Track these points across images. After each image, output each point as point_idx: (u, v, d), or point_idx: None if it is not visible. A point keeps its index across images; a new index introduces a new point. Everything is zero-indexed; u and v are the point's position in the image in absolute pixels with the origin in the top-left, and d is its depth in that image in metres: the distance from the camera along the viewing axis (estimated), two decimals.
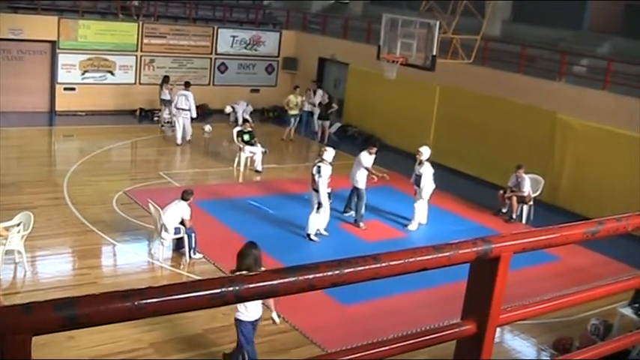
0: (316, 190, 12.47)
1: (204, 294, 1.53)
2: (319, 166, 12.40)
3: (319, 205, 12.42)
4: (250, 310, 7.58)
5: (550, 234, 2.17)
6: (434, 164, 13.91)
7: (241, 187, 16.02)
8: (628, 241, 11.89)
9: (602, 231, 2.28)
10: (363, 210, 13.61)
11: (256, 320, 7.74)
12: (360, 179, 13.57)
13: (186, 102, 18.82)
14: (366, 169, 13.54)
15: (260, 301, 7.60)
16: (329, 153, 12.57)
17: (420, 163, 13.57)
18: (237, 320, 7.67)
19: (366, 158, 13.57)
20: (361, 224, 13.54)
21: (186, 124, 18.99)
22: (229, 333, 8.48)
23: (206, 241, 11.64)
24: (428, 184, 13.55)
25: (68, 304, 1.38)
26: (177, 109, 18.90)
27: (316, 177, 12.36)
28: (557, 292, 2.47)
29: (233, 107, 21.68)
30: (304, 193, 15.19)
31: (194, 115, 19.13)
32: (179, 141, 18.98)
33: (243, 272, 6.72)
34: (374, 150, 13.71)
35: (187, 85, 19.53)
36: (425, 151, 13.62)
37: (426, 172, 13.50)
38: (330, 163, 12.53)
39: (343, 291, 3.46)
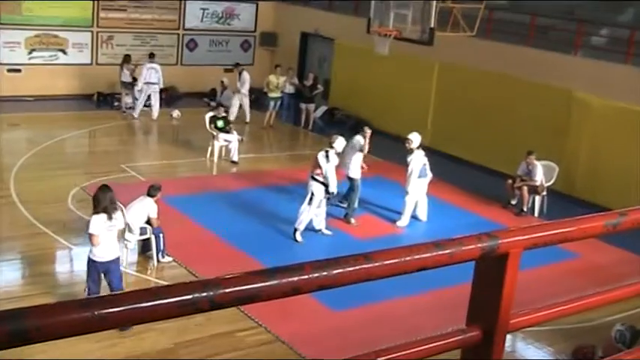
0: (314, 179, 12.52)
1: (174, 301, 1.52)
2: (327, 152, 12.59)
3: (312, 195, 12.46)
4: (100, 252, 9.08)
5: (565, 227, 2.17)
6: (433, 151, 13.94)
7: (216, 180, 16.01)
8: None
9: (625, 223, 2.28)
10: (356, 204, 13.66)
11: (106, 261, 9.15)
12: (354, 167, 13.66)
13: (155, 75, 19.79)
14: (361, 151, 13.73)
15: (115, 245, 9.22)
16: (339, 142, 12.86)
17: (410, 151, 13.59)
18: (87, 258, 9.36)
19: (362, 141, 13.81)
20: (352, 220, 13.57)
21: (156, 100, 19.92)
22: (204, 347, 8.47)
23: (176, 242, 11.61)
24: (413, 175, 13.52)
25: (15, 316, 1.36)
26: (147, 83, 19.71)
27: (323, 163, 12.47)
28: (575, 293, 2.48)
29: (223, 82, 21.57)
30: (286, 185, 15.23)
31: (162, 86, 20.10)
32: (155, 116, 19.99)
33: (101, 214, 8.88)
34: (369, 133, 13.83)
35: (152, 56, 20.43)
36: (414, 139, 13.61)
37: (414, 161, 13.51)
38: (338, 153, 12.80)
39: (332, 295, 3.46)
